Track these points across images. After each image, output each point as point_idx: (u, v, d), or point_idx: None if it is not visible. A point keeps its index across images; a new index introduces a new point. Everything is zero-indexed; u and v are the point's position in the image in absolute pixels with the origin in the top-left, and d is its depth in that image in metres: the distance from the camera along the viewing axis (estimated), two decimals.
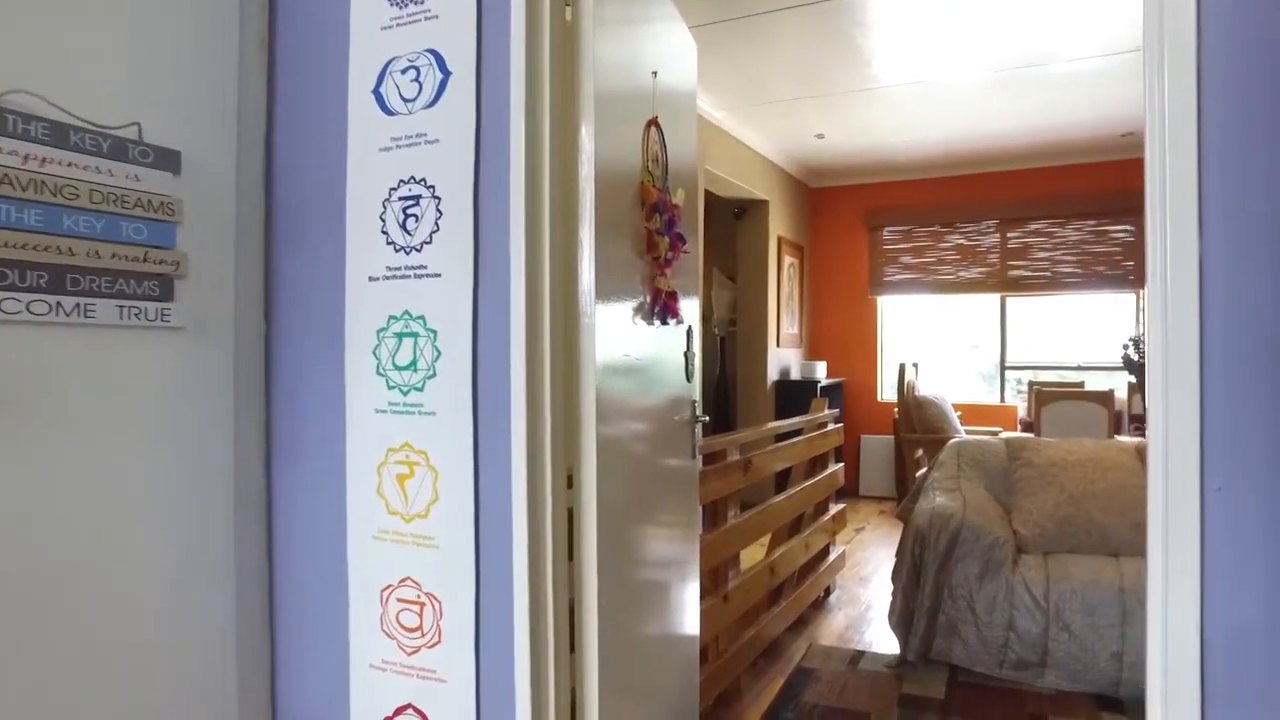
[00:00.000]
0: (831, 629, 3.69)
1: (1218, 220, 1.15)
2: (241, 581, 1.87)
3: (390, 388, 1.74)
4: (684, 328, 2.23)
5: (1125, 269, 6.18)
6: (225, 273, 1.85)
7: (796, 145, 6.10)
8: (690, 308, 2.29)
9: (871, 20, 3.87)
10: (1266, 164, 1.13)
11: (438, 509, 1.69)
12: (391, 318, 1.74)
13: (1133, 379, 5.55)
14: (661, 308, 2.03)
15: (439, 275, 1.69)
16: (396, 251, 1.73)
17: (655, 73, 2.06)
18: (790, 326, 6.82)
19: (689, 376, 2.27)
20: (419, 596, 1.72)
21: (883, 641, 3.48)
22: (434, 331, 1.69)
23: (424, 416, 1.70)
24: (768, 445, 3.39)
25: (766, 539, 3.43)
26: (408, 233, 1.72)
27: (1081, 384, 6.14)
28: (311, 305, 1.88)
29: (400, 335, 1.73)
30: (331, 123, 1.83)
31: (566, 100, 1.72)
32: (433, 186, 1.70)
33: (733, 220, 6.49)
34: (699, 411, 2.30)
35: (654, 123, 2.05)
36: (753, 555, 3.32)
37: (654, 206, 1.99)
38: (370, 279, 1.77)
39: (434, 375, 1.69)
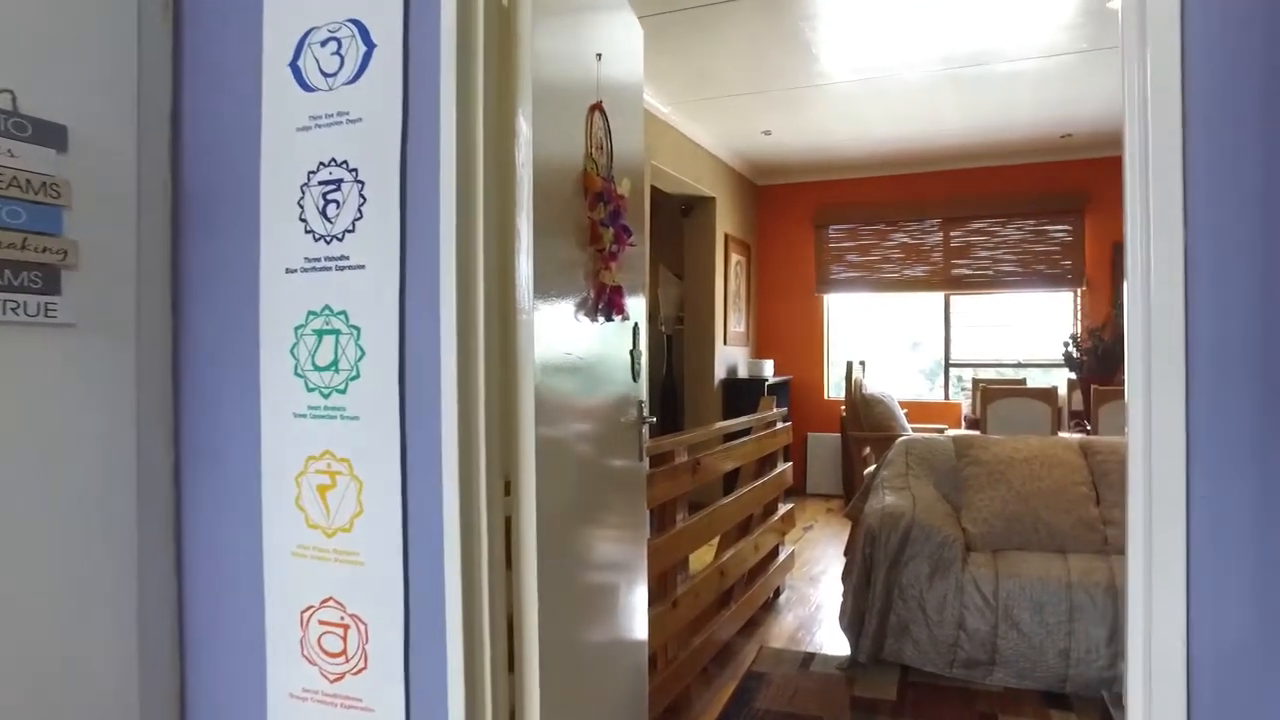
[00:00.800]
0: (782, 631, 3.63)
1: (1205, 216, 1.08)
2: (145, 604, 1.70)
3: (310, 390, 1.59)
4: (630, 325, 2.13)
5: (1064, 268, 6.30)
6: (125, 263, 1.67)
7: (744, 142, 6.06)
8: (636, 304, 2.19)
9: (819, 14, 3.82)
10: (1256, 157, 1.07)
11: (362, 522, 1.55)
12: (311, 313, 1.59)
13: (1073, 375, 5.65)
14: (606, 303, 1.92)
15: (362, 267, 1.55)
16: (316, 241, 1.59)
17: (600, 55, 1.95)
18: (737, 324, 6.78)
19: (635, 375, 2.17)
20: (343, 618, 1.57)
21: (833, 642, 3.44)
22: (357, 329, 1.55)
23: (346, 421, 1.56)
24: (716, 445, 3.31)
25: (715, 541, 3.35)
26: (328, 220, 1.58)
27: (1023, 381, 6.24)
28: (224, 299, 1.72)
29: (320, 333, 1.58)
30: (244, 99, 1.68)
31: (503, 79, 1.59)
32: (355, 170, 1.55)
33: (679, 217, 6.41)
34: (646, 412, 2.20)
35: (598, 107, 1.94)
36: (702, 558, 3.24)
37: (598, 195, 1.88)
38: (287, 271, 1.62)
39: (357, 376, 1.55)
